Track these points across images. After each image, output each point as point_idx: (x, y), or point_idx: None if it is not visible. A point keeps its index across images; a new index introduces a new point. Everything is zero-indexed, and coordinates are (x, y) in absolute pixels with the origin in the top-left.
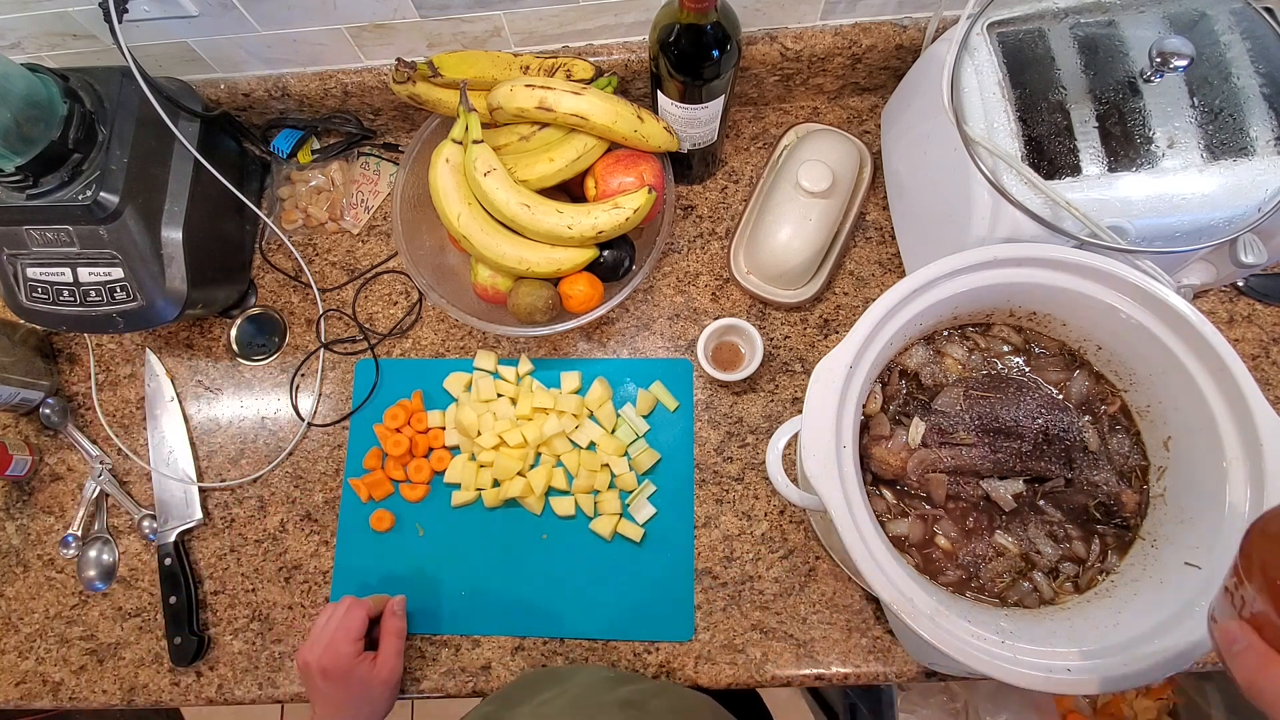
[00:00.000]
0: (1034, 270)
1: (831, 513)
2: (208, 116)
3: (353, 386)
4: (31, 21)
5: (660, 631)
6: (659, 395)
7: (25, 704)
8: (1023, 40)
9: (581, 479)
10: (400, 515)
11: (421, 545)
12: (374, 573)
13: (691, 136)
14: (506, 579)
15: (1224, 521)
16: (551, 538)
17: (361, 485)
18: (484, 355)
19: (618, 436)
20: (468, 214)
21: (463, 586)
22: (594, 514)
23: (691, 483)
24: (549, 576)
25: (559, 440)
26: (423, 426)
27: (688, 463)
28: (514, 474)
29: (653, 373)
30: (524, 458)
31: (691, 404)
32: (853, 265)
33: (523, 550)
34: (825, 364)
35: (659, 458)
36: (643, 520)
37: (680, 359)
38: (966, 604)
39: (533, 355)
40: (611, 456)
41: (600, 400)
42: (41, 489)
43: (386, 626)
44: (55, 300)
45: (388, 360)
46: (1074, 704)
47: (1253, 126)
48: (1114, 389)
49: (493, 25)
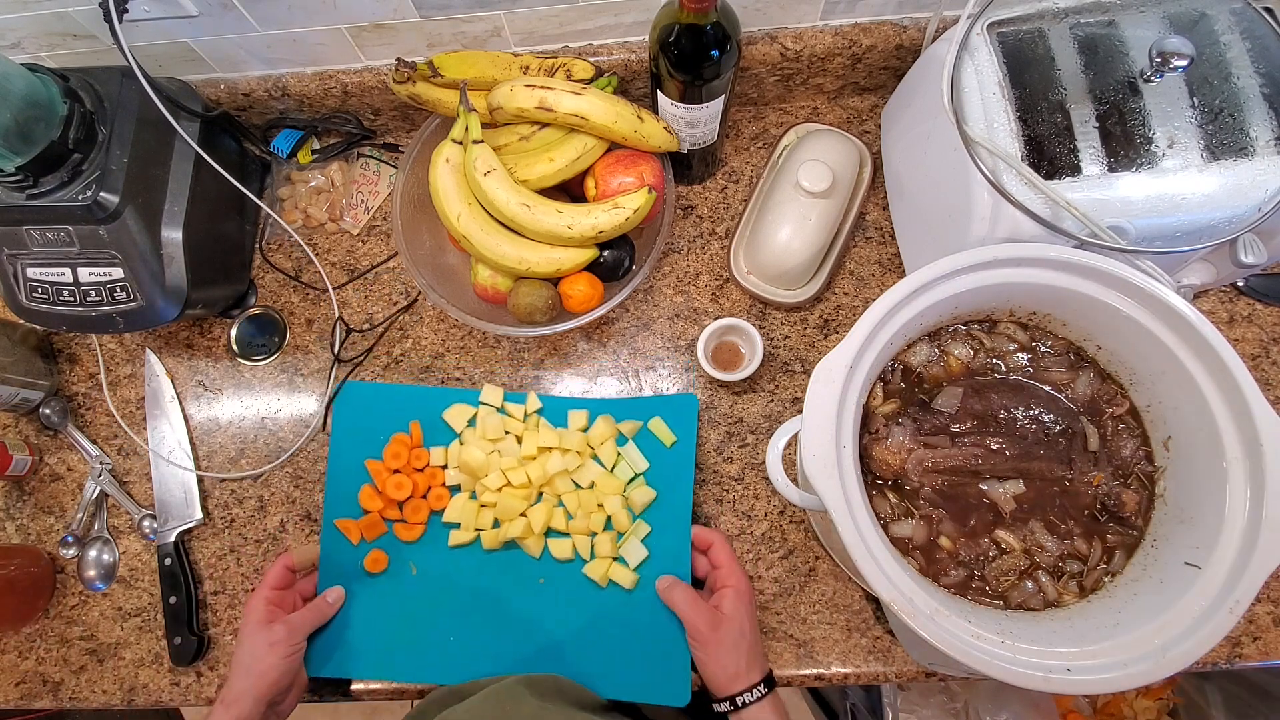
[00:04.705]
0: (1034, 270)
1: (831, 513)
2: (208, 116)
3: (332, 413)
4: (31, 21)
5: (654, 693)
6: (657, 431)
7: (25, 704)
8: (1023, 40)
9: (579, 520)
10: (393, 555)
11: (414, 585)
12: (360, 612)
13: (691, 136)
14: (499, 625)
15: (1224, 521)
16: (549, 582)
17: (353, 527)
18: (491, 390)
19: (616, 474)
20: (468, 214)
21: (451, 631)
22: (590, 556)
23: (688, 526)
24: (543, 624)
25: (561, 479)
26: (422, 464)
27: (685, 503)
28: (517, 514)
29: (655, 408)
30: (528, 497)
31: (694, 440)
32: (853, 265)
33: (518, 595)
34: (825, 364)
35: (654, 495)
36: (635, 563)
37: (687, 394)
38: (967, 604)
39: (532, 355)
40: (607, 496)
41: (603, 437)
42: (41, 489)
43: (312, 604)
44: (55, 300)
45: (379, 385)
46: (1074, 704)
47: (1253, 126)
48: (1121, 389)
49: (493, 25)
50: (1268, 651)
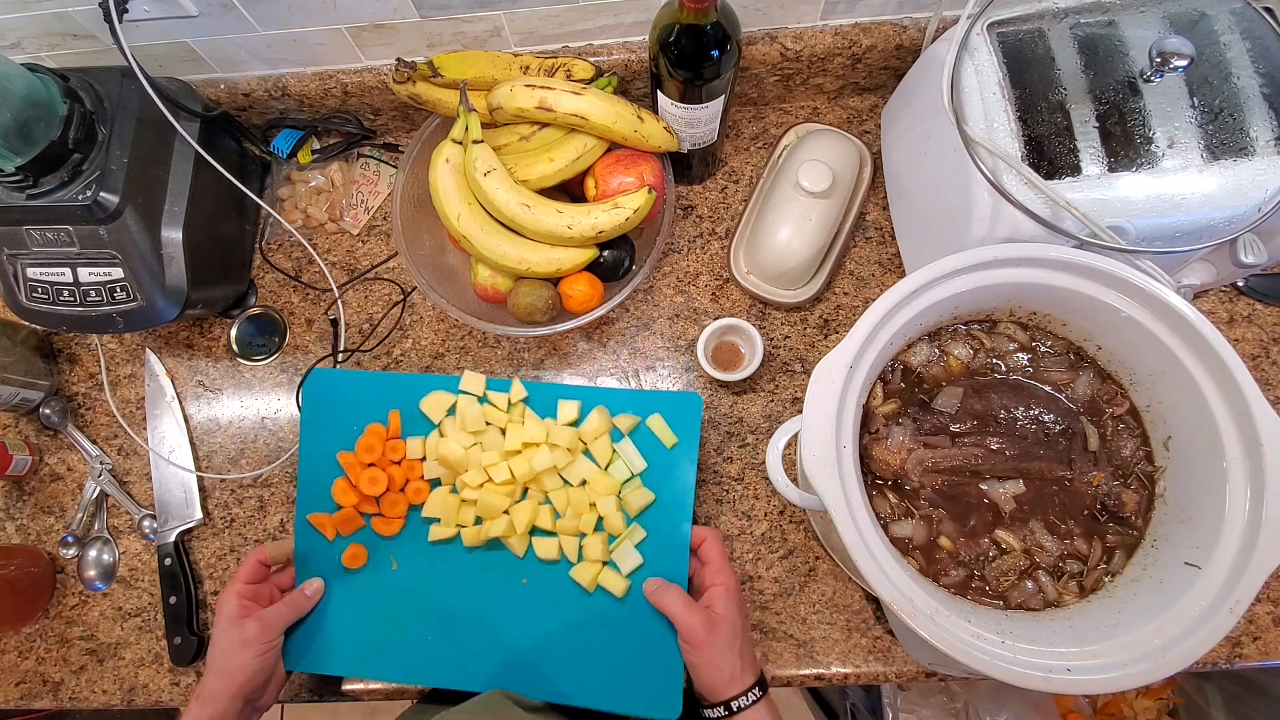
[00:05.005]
0: (1034, 270)
1: (831, 513)
2: (208, 116)
3: (299, 399)
4: (31, 21)
5: (641, 705)
6: (656, 430)
7: (25, 704)
8: (1023, 40)
9: (568, 519)
10: (373, 550)
11: (394, 580)
12: (338, 607)
13: (691, 136)
14: (479, 626)
15: (1224, 521)
16: (533, 583)
17: (328, 522)
18: (471, 377)
19: (610, 473)
20: (468, 214)
21: (431, 630)
22: (578, 559)
23: (687, 535)
24: (526, 627)
25: (549, 476)
26: (398, 456)
27: (685, 508)
28: (499, 512)
29: (656, 405)
30: (511, 494)
31: (696, 443)
32: (853, 265)
33: (500, 594)
34: (825, 364)
35: (653, 499)
36: (628, 570)
37: (690, 393)
38: (967, 604)
39: (532, 355)
40: (600, 496)
41: (597, 432)
42: (41, 489)
43: (288, 598)
44: (55, 300)
45: (348, 372)
46: (1074, 704)
47: (1253, 126)
48: (1121, 389)
49: (493, 25)
50: (1268, 651)
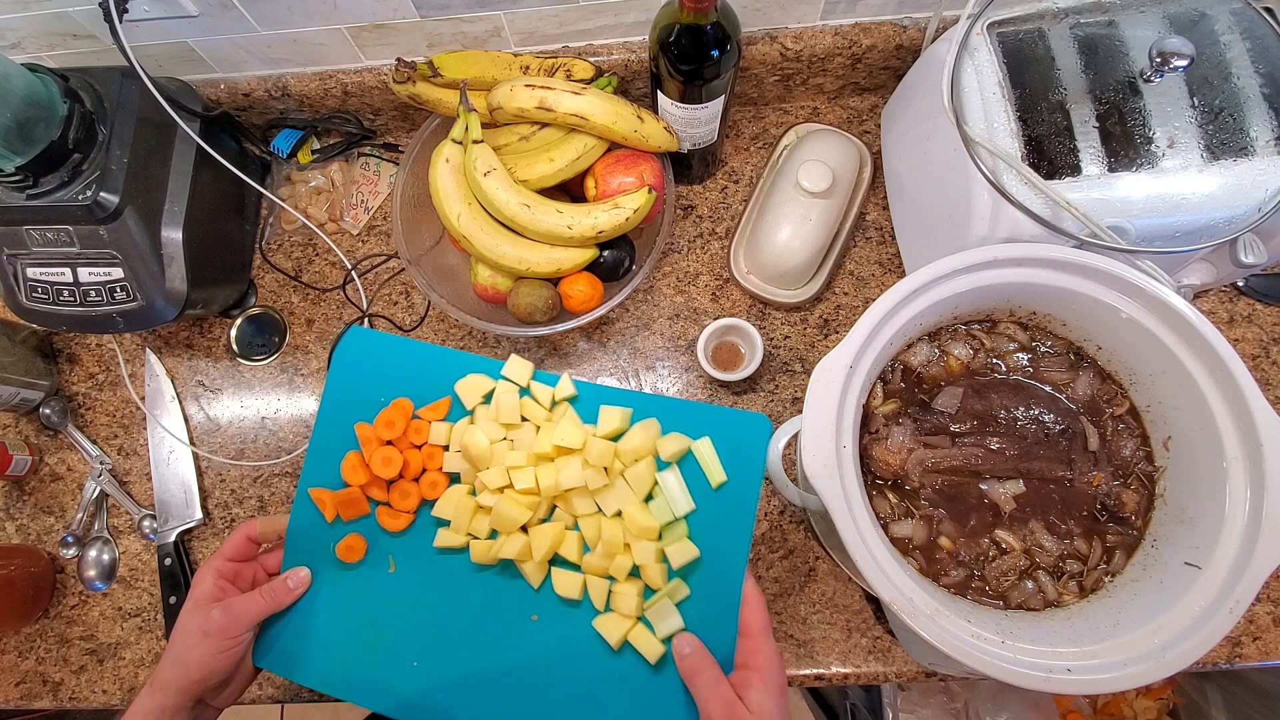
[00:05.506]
0: (1034, 270)
1: (831, 513)
2: (208, 116)
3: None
4: (31, 21)
5: None
6: (703, 458)
7: (25, 704)
8: (1023, 40)
9: (597, 555)
10: (372, 544)
11: (388, 586)
12: (322, 606)
13: (691, 136)
14: (473, 657)
15: (1224, 521)
16: (544, 621)
17: (328, 500)
18: (517, 363)
19: (650, 509)
20: (468, 214)
21: (418, 654)
22: (605, 607)
23: (737, 601)
24: (527, 673)
25: (580, 498)
26: (420, 440)
27: (739, 565)
28: (516, 527)
29: (712, 423)
30: (532, 507)
31: (760, 479)
32: (853, 265)
33: (503, 627)
34: (825, 364)
35: (697, 555)
36: (664, 634)
37: (756, 414)
38: (967, 604)
39: (532, 355)
40: (638, 540)
41: (638, 453)
42: (41, 489)
43: (267, 587)
44: (55, 300)
45: (389, 336)
46: (1074, 704)
47: (1253, 126)
48: (1121, 389)
49: (493, 25)
50: (1268, 651)
